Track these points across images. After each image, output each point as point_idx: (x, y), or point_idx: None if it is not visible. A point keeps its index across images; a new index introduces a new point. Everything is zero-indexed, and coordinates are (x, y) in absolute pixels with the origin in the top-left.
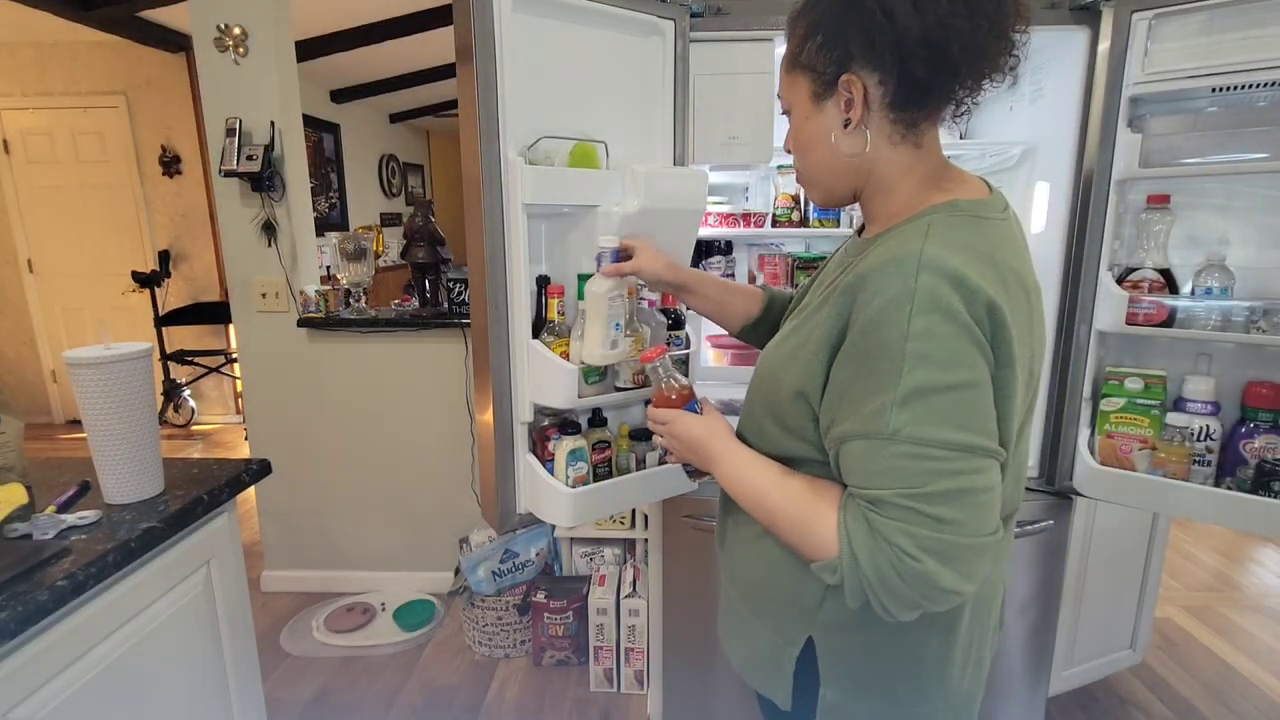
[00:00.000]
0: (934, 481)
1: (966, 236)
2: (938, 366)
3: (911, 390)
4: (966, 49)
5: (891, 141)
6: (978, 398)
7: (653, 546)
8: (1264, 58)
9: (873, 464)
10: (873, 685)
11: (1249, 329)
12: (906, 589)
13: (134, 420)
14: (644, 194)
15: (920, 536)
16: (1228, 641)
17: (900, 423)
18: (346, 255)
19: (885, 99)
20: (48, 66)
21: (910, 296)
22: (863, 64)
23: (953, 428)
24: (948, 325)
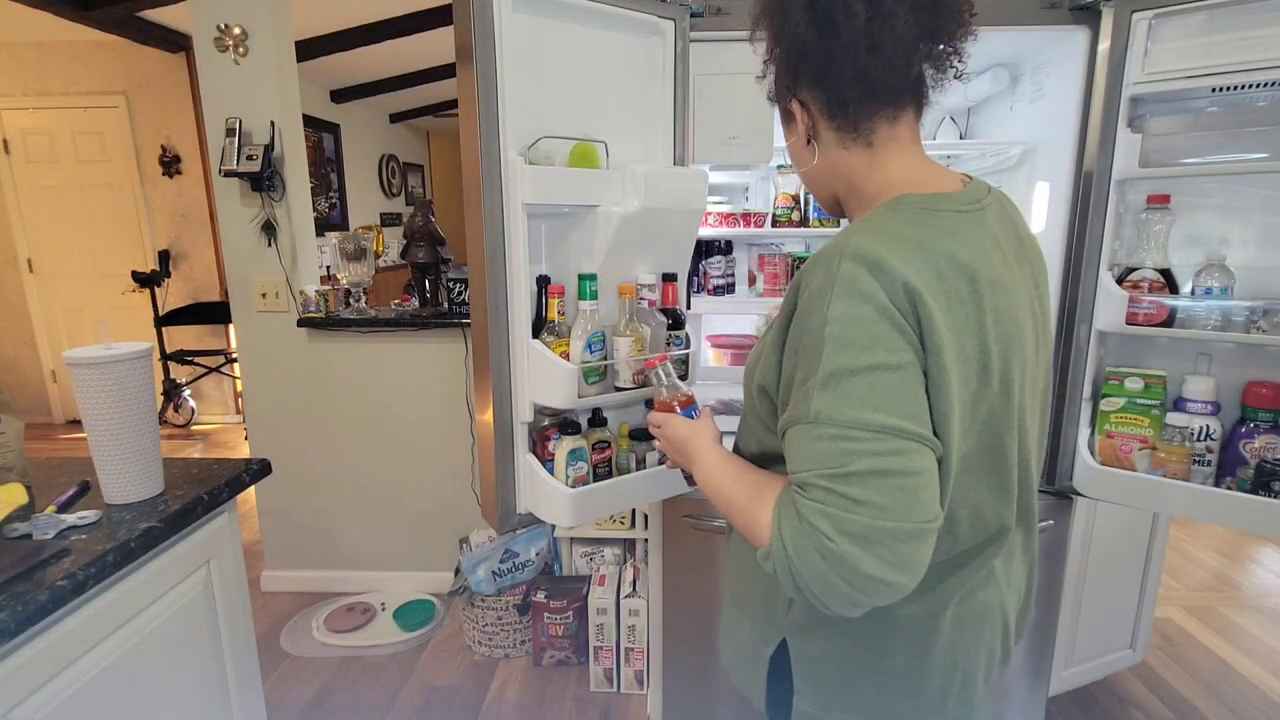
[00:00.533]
0: (851, 462)
1: (900, 227)
2: (855, 349)
3: (830, 373)
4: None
5: (843, 145)
6: (899, 380)
7: (653, 546)
8: (1264, 58)
9: (799, 448)
10: (843, 697)
11: (1249, 329)
12: (830, 574)
13: (134, 420)
14: (644, 194)
15: (837, 518)
16: (1228, 641)
17: (820, 405)
18: (346, 255)
19: (824, 111)
20: (48, 66)
21: (831, 284)
22: (801, 86)
23: (870, 409)
24: (864, 308)
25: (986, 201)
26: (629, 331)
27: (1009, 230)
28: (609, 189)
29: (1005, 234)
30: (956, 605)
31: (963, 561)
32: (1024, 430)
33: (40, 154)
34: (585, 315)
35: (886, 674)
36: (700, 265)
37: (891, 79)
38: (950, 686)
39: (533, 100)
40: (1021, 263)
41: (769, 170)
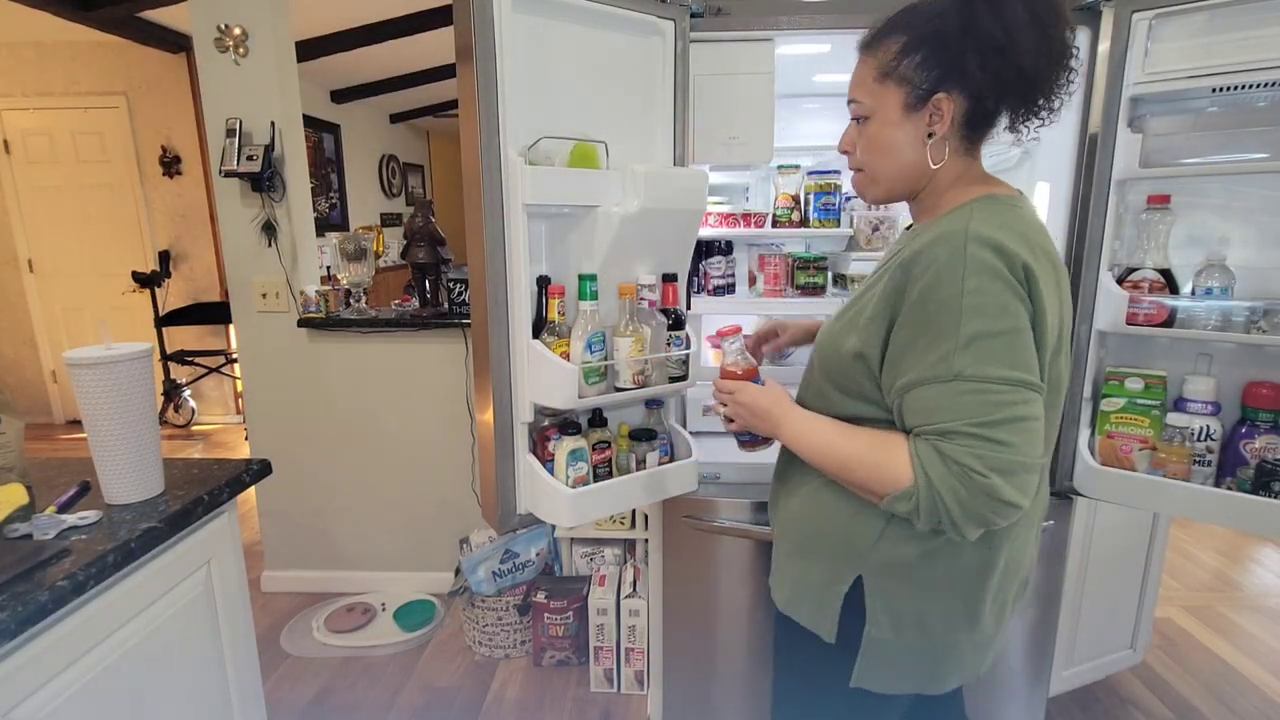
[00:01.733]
0: (996, 411)
1: (1004, 217)
2: (990, 317)
3: (970, 336)
4: (1052, 85)
5: (956, 154)
6: (1024, 341)
7: (653, 547)
8: (1264, 58)
9: (940, 402)
10: (912, 621)
11: (1249, 329)
12: (974, 502)
13: (134, 420)
14: (644, 194)
15: (988, 457)
16: (1228, 641)
17: (963, 365)
18: (347, 255)
19: (963, 118)
20: (48, 67)
21: (962, 262)
22: (957, 85)
23: (1006, 366)
24: (995, 283)
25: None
26: (629, 332)
27: None
28: (609, 189)
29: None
30: (1009, 550)
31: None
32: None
33: (40, 154)
34: (585, 316)
35: (952, 599)
36: (700, 265)
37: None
38: (994, 606)
39: (533, 100)
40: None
41: (769, 170)
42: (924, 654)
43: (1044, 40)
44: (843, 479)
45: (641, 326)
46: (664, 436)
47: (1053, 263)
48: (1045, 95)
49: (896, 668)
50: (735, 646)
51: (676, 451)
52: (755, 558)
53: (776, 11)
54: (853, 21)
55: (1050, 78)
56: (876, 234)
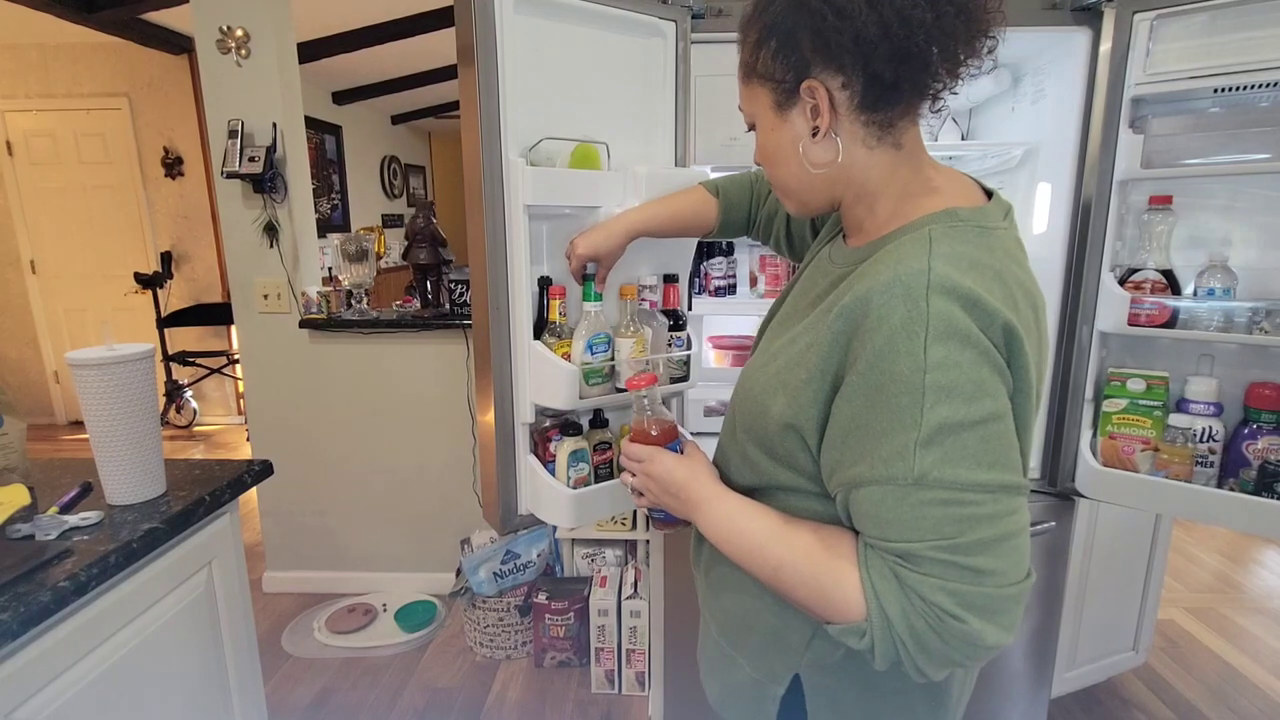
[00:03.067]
0: (971, 530)
1: (972, 252)
2: (962, 400)
3: (936, 428)
4: (932, 38)
5: (867, 145)
6: (1004, 430)
7: (654, 548)
8: (1266, 58)
9: (898, 513)
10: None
11: (1251, 330)
12: (947, 649)
13: (136, 421)
14: (645, 195)
15: (962, 593)
16: (1230, 643)
17: (926, 465)
18: (348, 256)
19: (853, 101)
20: (51, 68)
21: (923, 323)
22: (822, 67)
23: (984, 467)
24: (967, 352)
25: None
26: (631, 333)
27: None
28: (610, 190)
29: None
30: None
31: None
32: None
33: (43, 155)
34: (590, 316)
35: (909, 700)
36: (701, 266)
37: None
38: (962, 698)
39: (534, 101)
40: None
41: None
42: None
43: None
44: (774, 590)
45: (643, 327)
46: None
47: (1033, 304)
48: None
49: None
50: None
51: None
52: None
53: None
54: None
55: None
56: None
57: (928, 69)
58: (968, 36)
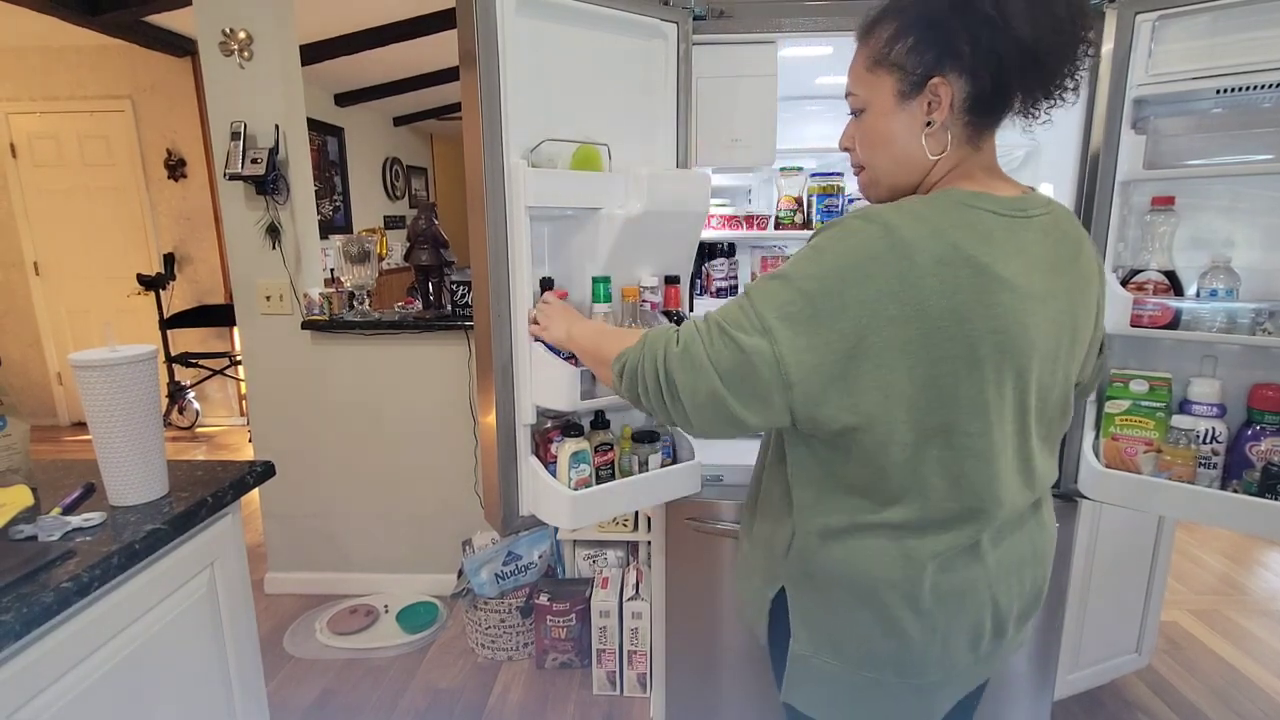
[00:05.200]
0: (727, 319)
1: (926, 211)
2: (801, 270)
3: (777, 273)
4: (1060, 60)
5: (958, 142)
6: (801, 301)
7: (655, 549)
8: (1269, 59)
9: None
10: (826, 639)
11: (1255, 331)
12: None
13: (139, 422)
14: (646, 196)
15: (687, 333)
16: (1234, 645)
17: (753, 285)
18: (350, 258)
19: (965, 103)
20: (54, 71)
21: (836, 225)
22: (954, 67)
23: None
24: (837, 245)
25: (1034, 212)
26: None
27: (1056, 244)
28: (612, 192)
29: (1048, 246)
30: (935, 573)
31: (935, 529)
32: (1022, 425)
33: (47, 158)
34: (599, 318)
35: (867, 627)
36: (703, 268)
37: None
38: (929, 650)
39: (536, 103)
40: (1060, 276)
41: (771, 172)
42: (842, 681)
43: (1042, 9)
44: (594, 360)
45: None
46: (666, 439)
47: (976, 268)
48: (1053, 70)
49: (820, 691)
50: (738, 649)
51: (679, 454)
52: None
53: (779, 14)
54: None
55: (1057, 50)
56: None
57: (1046, 86)
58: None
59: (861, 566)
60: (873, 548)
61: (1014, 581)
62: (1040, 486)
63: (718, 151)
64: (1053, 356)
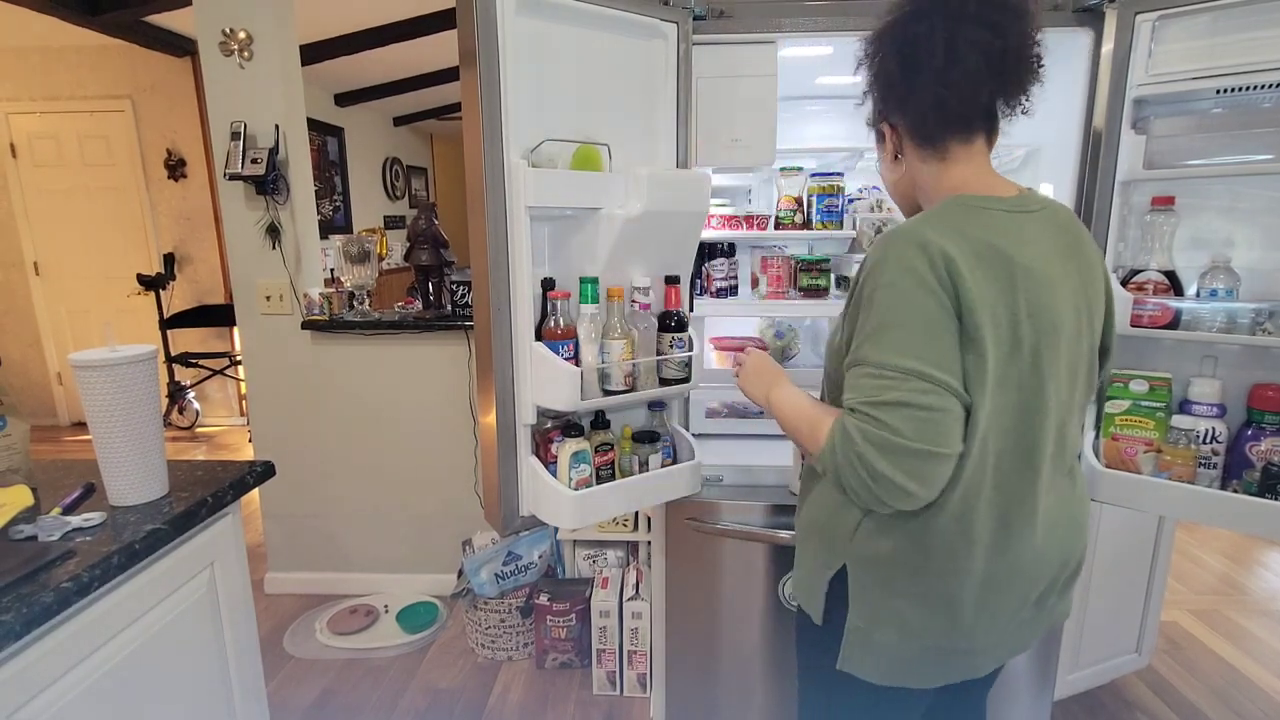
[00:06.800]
0: (880, 394)
1: (948, 218)
2: (894, 309)
3: (875, 327)
4: (961, 94)
5: (923, 160)
6: (923, 333)
7: (655, 549)
8: (1269, 59)
9: (851, 383)
10: (888, 616)
11: (1255, 331)
12: (858, 469)
13: (139, 422)
14: (647, 196)
15: (865, 431)
16: (1234, 645)
17: (865, 352)
18: (350, 258)
19: (908, 132)
20: (54, 71)
21: (883, 259)
22: (891, 113)
23: (901, 355)
24: (906, 278)
25: (1035, 208)
26: (620, 335)
27: (1058, 234)
28: (612, 192)
29: (1052, 236)
30: (989, 549)
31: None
32: (1059, 398)
33: (47, 158)
34: (587, 319)
35: (927, 603)
36: (703, 268)
37: (963, 109)
38: (980, 619)
39: (536, 103)
40: (1068, 261)
41: (771, 172)
42: (901, 651)
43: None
44: (797, 440)
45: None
46: (667, 439)
47: (1007, 262)
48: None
49: (878, 659)
50: (738, 649)
51: (679, 454)
52: (758, 560)
53: (779, 14)
54: (854, 24)
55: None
56: (880, 235)
57: (965, 121)
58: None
59: (926, 546)
60: (938, 528)
61: (1054, 549)
62: (1070, 454)
63: (718, 151)
64: (1075, 332)
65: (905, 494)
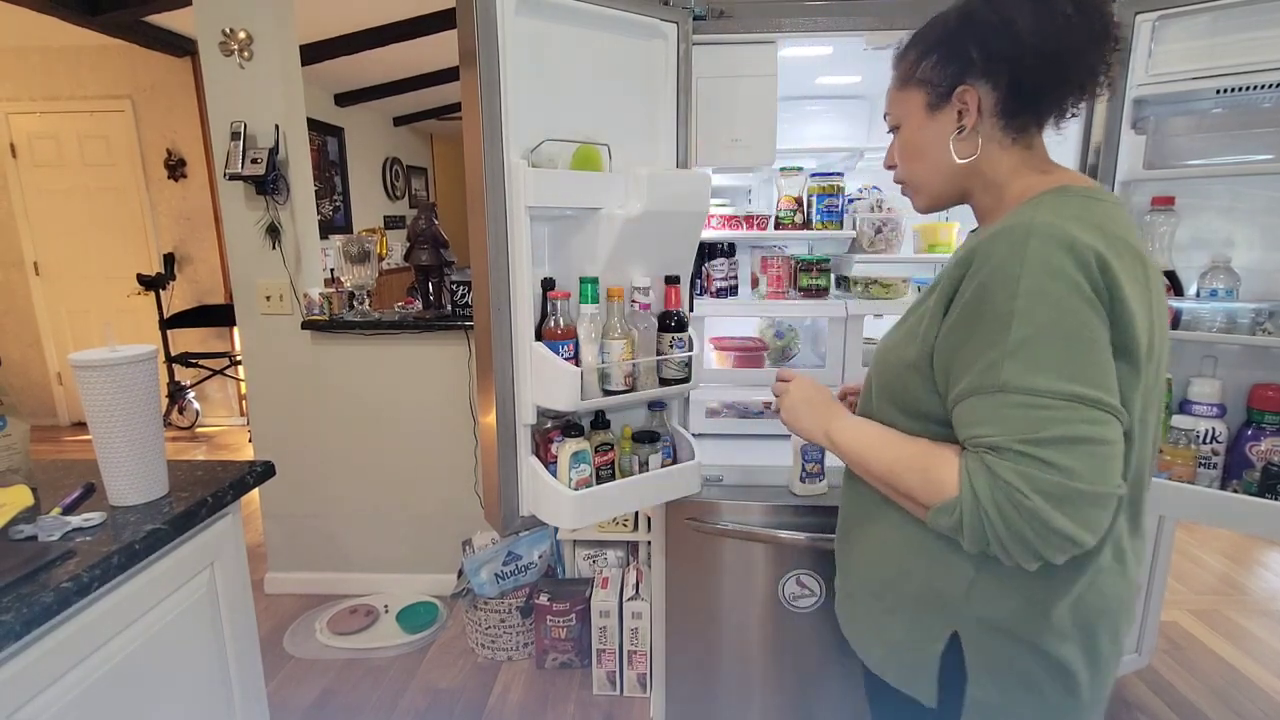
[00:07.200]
0: (1045, 428)
1: (1076, 210)
2: (1044, 320)
3: (1019, 342)
4: (1079, 59)
5: (1002, 146)
6: (1086, 350)
7: (655, 549)
8: (1269, 59)
9: (988, 413)
10: (1018, 681)
11: (1254, 331)
12: (1023, 526)
13: (139, 422)
14: (647, 196)
15: (1033, 478)
16: (1234, 645)
17: (1009, 375)
18: (350, 258)
19: (996, 107)
20: (54, 71)
21: (1020, 259)
22: (977, 76)
23: (1061, 378)
24: (1056, 283)
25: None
26: (620, 335)
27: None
28: (612, 192)
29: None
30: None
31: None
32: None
33: (47, 158)
34: (587, 319)
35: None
36: (703, 268)
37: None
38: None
39: (536, 103)
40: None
41: (771, 172)
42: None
43: (1045, 10)
44: (888, 484)
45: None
46: (667, 439)
47: (1141, 261)
48: (1071, 66)
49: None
50: (739, 649)
51: (679, 454)
52: (758, 560)
53: (779, 14)
54: (854, 24)
55: (1071, 47)
56: (879, 236)
57: (1069, 85)
58: (1103, 62)
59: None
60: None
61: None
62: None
63: (718, 151)
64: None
65: (1074, 547)
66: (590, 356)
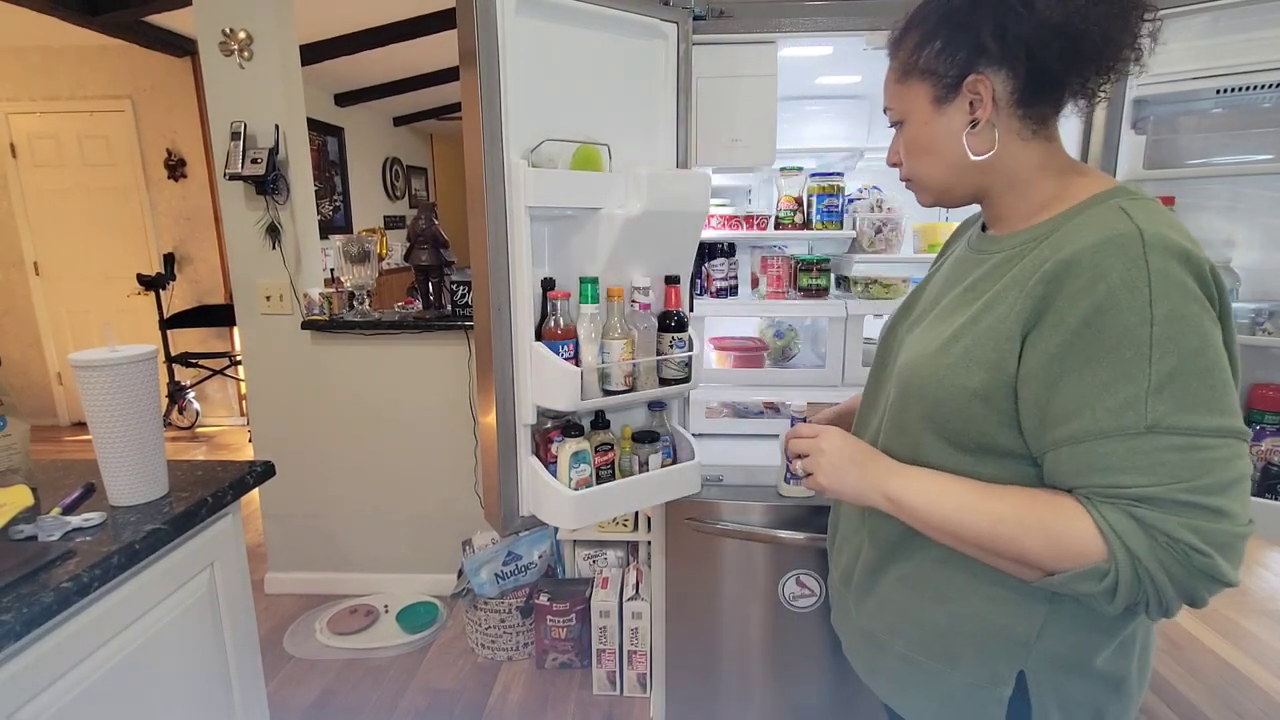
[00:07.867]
0: (1210, 472)
1: (1166, 215)
2: (1191, 350)
3: (1167, 376)
4: (1106, 37)
5: (1022, 138)
6: (1226, 378)
7: (655, 549)
8: (1269, 59)
9: (1133, 460)
10: (1086, 709)
11: (1255, 331)
12: (1192, 584)
13: (139, 422)
14: (647, 196)
15: (1205, 531)
16: (1234, 645)
17: (1160, 414)
18: (350, 258)
19: (1013, 96)
20: (54, 71)
21: (1145, 279)
22: (989, 62)
23: (1216, 413)
24: (1191, 305)
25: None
26: (620, 335)
27: None
28: (612, 191)
29: None
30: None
31: None
32: None
33: (47, 158)
34: (587, 319)
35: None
36: (703, 268)
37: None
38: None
39: (536, 103)
40: None
41: (771, 172)
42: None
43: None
44: (989, 549)
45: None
46: (667, 439)
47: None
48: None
49: None
50: (739, 649)
51: (679, 454)
52: (758, 560)
53: (779, 14)
54: (854, 24)
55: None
56: (879, 236)
57: (1094, 66)
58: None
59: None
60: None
61: None
62: None
63: (718, 151)
64: None
65: (1227, 588)
66: (590, 356)
